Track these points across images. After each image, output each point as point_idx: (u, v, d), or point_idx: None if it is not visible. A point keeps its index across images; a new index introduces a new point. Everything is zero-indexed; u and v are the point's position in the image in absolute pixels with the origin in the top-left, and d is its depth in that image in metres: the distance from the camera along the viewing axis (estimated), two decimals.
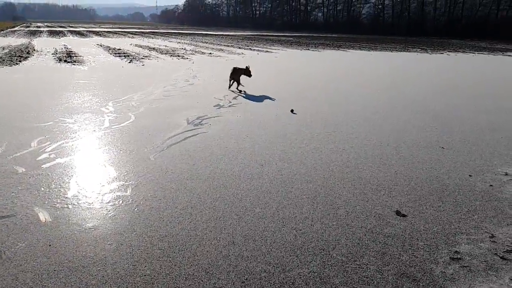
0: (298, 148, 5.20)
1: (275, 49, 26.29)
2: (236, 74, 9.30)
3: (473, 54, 25.71)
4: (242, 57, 19.34)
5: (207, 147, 5.14)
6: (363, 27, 78.69)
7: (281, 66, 15.93)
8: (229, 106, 7.68)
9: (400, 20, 75.12)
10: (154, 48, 23.61)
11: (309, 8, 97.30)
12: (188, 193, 3.75)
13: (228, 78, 9.46)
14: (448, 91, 10.32)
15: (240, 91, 9.21)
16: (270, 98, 8.59)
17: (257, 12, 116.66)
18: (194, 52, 21.25)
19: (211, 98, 8.38)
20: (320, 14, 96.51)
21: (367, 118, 6.98)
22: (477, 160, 4.89)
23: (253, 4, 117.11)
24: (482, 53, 26.77)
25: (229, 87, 9.44)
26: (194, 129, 5.97)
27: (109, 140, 5.32)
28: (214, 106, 7.65)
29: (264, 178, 4.18)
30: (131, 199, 3.60)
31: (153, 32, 56.03)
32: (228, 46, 27.97)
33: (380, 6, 79.98)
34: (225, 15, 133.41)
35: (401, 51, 27.46)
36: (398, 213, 3.49)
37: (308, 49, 26.69)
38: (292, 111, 7.29)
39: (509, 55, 25.58)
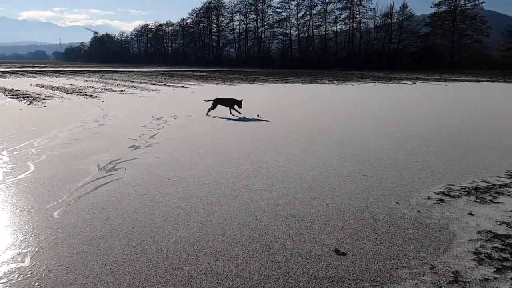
0: (226, 187, 4.87)
1: (191, 84, 26.09)
2: (230, 102, 11.12)
3: (374, 84, 28.22)
4: (157, 93, 18.74)
5: (122, 196, 4.55)
6: (274, 61, 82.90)
7: (199, 101, 15.66)
8: (147, 146, 7.12)
9: (307, 54, 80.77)
10: (58, 88, 21.83)
11: (221, 44, 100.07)
12: (102, 256, 3.16)
13: (211, 104, 11.23)
14: (360, 119, 10.92)
15: (233, 115, 10.97)
16: (192, 135, 8.20)
17: (170, 48, 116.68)
18: (103, 90, 20.07)
19: (125, 139, 7.72)
20: (232, 50, 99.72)
21: (289, 151, 6.94)
22: (399, 186, 5.01)
23: (165, 41, 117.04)
24: (381, 83, 29.53)
25: (208, 113, 11.15)
26: (107, 175, 5.32)
27: (2, 198, 4.45)
28: (129, 147, 7.02)
29: (192, 226, 3.74)
30: (30, 272, 2.91)
31: (57, 70, 52.42)
32: (141, 82, 27.09)
33: (288, 42, 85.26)
34: (136, 52, 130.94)
35: (310, 83, 29.12)
36: (337, 251, 3.30)
37: (225, 84, 26.97)
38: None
39: (404, 83, 28.56)
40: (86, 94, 17.58)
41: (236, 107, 11.05)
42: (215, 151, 6.81)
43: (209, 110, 11.23)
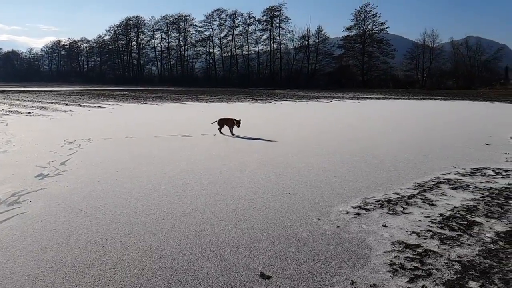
0: (147, 216, 4.60)
1: (109, 104, 24.85)
2: (228, 122, 11.24)
3: (295, 102, 29.45)
4: (71, 114, 17.50)
5: (26, 233, 4.07)
6: (198, 80, 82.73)
7: (116, 122, 14.93)
8: (56, 174, 6.52)
9: (231, 73, 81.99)
10: None
11: (142, 62, 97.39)
12: None
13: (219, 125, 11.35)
14: (282, 137, 11.22)
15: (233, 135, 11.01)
16: (109, 160, 7.71)
17: (86, 66, 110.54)
18: (7, 112, 18.23)
19: (31, 167, 6.99)
20: (154, 68, 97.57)
21: (214, 172, 6.85)
22: (320, 202, 5.17)
23: (80, 58, 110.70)
24: (301, 101, 30.92)
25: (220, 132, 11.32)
26: (8, 210, 4.73)
27: None
28: (36, 176, 6.36)
29: (107, 262, 3.45)
30: None
31: None
32: (52, 103, 25.14)
33: (212, 61, 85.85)
34: (47, 69, 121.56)
35: (235, 101, 29.48)
36: (262, 275, 3.26)
37: (146, 103, 26.14)
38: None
39: (322, 101, 30.22)
40: None
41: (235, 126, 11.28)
42: (135, 176, 6.47)
43: (220, 131, 11.42)
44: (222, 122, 11.45)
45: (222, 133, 11.28)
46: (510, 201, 5.12)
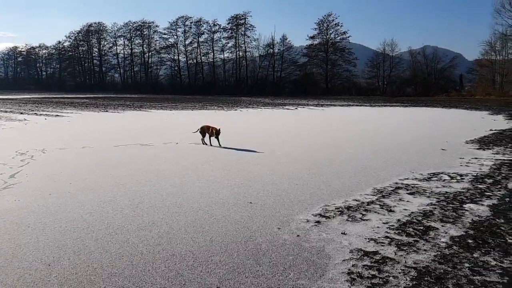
0: (99, 231, 4.37)
1: (68, 112, 23.91)
2: (210, 130, 10.42)
3: (261, 109, 29.56)
4: (25, 123, 16.66)
5: None
6: (163, 87, 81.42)
7: (74, 131, 14.35)
8: (4, 188, 6.11)
9: (196, 81, 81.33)
10: None
11: (104, 69, 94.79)
12: None
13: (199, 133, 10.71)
14: (245, 144, 11.12)
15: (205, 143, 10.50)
16: (63, 171, 7.33)
17: (44, 73, 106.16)
18: None
19: None
20: (117, 75, 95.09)
21: (174, 182, 6.66)
22: (281, 211, 5.12)
23: (38, 65, 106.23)
24: (267, 108, 31.09)
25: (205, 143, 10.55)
26: None
27: None
28: None
29: (53, 283, 3.22)
30: None
31: None
32: (6, 111, 23.88)
33: (177, 68, 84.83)
34: (2, 76, 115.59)
35: (200, 109, 29.20)
36: None
37: (107, 111, 25.36)
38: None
39: (287, 108, 30.51)
40: None
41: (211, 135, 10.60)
42: (90, 188, 6.17)
43: (202, 141, 10.73)
44: (204, 131, 10.65)
45: (206, 143, 10.54)
46: (464, 205, 5.28)
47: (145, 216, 4.87)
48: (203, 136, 10.60)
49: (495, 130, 14.73)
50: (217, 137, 10.39)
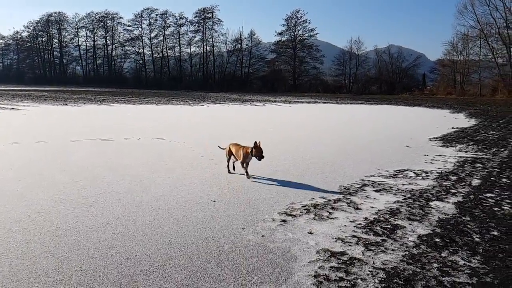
0: (47, 232, 3.97)
1: (25, 105, 22.60)
2: (239, 152, 6.57)
3: (228, 105, 29.20)
4: None
5: None
6: (127, 81, 79.12)
7: (28, 125, 13.48)
8: None
9: (162, 75, 79.59)
10: None
11: (65, 61, 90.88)
12: None
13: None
14: (212, 140, 10.83)
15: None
16: (13, 167, 6.76)
17: (1, 64, 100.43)
18: None
19: None
20: (79, 68, 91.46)
21: (132, 179, 6.28)
22: (246, 210, 4.90)
23: None
24: (234, 104, 30.76)
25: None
26: None
27: None
28: None
29: None
30: None
31: None
32: None
33: (141, 61, 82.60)
34: None
35: (165, 104, 28.47)
36: None
37: (67, 105, 24.19)
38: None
39: (255, 105, 30.31)
40: None
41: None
42: (40, 185, 5.70)
43: (228, 167, 6.98)
44: (231, 152, 6.83)
45: (231, 171, 6.89)
46: (431, 203, 5.27)
47: (99, 216, 4.50)
48: (229, 158, 6.94)
49: (457, 128, 15.19)
50: (260, 158, 6.36)
